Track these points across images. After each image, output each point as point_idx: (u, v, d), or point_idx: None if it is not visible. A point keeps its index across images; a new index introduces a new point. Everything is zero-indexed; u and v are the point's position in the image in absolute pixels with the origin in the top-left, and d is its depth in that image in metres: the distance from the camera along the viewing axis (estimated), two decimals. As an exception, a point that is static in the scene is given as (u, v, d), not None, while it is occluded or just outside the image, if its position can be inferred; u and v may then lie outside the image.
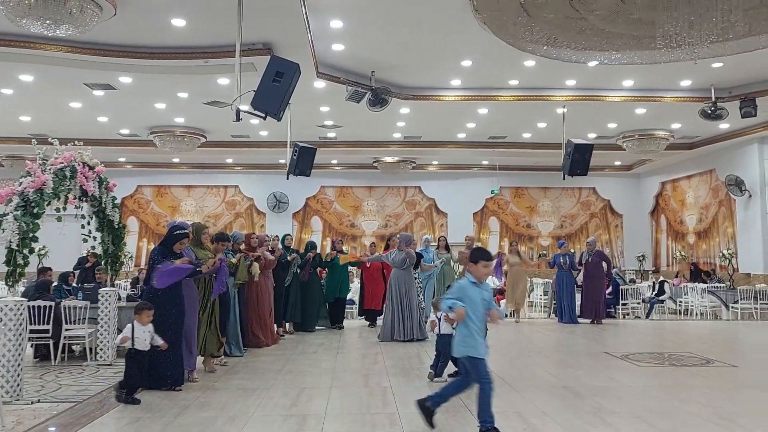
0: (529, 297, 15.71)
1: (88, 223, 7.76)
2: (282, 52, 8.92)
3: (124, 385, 5.59)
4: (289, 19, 8.27)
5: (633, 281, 15.82)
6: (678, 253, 18.46)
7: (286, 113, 8.43)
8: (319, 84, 11.00)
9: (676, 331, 11.18)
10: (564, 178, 12.22)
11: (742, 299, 12.98)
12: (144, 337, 5.63)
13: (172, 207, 19.89)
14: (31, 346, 8.11)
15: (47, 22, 6.97)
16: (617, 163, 19.52)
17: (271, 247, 9.64)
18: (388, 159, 17.87)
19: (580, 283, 12.21)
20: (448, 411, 5.31)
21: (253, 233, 9.44)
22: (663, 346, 9.28)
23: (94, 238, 7.92)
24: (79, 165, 6.97)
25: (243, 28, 7.53)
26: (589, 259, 12.13)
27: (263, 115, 7.12)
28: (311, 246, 11.00)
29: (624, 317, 13.40)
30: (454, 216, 20.02)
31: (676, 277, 16.36)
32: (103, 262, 8.29)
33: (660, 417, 5.06)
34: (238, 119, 7.32)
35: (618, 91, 12.06)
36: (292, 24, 8.41)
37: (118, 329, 8.14)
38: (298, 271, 10.52)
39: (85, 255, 12.83)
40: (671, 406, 5.43)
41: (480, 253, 4.68)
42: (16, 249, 5.97)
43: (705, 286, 13.87)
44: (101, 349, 7.75)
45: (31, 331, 7.54)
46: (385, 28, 9.06)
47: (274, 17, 8.23)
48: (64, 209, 6.88)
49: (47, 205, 6.38)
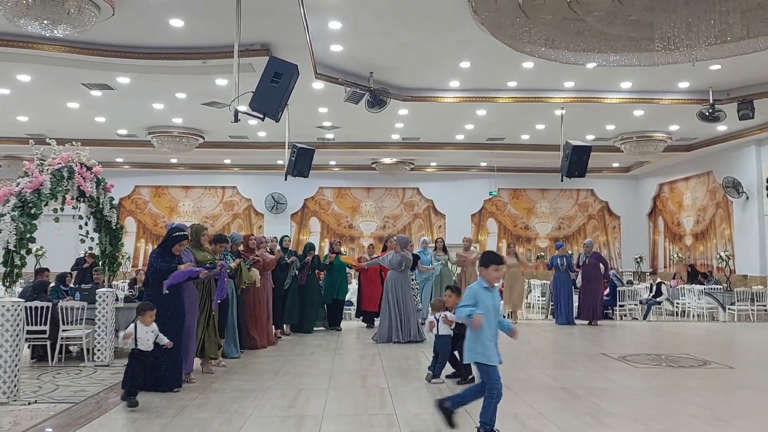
0: (526, 298, 15.74)
1: (86, 224, 7.75)
2: (280, 52, 8.92)
3: (124, 385, 5.57)
4: (288, 20, 8.26)
5: (630, 283, 15.85)
6: (675, 255, 18.49)
7: (285, 114, 8.44)
8: (318, 85, 10.99)
9: (673, 332, 11.19)
10: (562, 180, 12.23)
11: (738, 301, 13.01)
12: (147, 338, 5.59)
13: (170, 207, 19.87)
14: (29, 347, 8.09)
15: (45, 22, 6.96)
16: (615, 164, 19.56)
17: (269, 249, 9.63)
18: (387, 160, 17.88)
19: (579, 285, 12.22)
20: (446, 412, 5.32)
21: (252, 234, 9.43)
22: (660, 347, 9.29)
23: (92, 239, 7.91)
24: (76, 165, 6.96)
25: (241, 28, 7.52)
26: (586, 261, 12.14)
27: (261, 115, 7.12)
28: (310, 247, 10.98)
29: (621, 318, 13.42)
30: (452, 217, 20.03)
31: (674, 278, 16.38)
32: (100, 263, 8.28)
33: (657, 418, 5.07)
34: (237, 120, 7.33)
35: (616, 92, 12.08)
36: (290, 25, 8.41)
37: (116, 330, 8.14)
38: (297, 273, 10.51)
39: (82, 255, 12.82)
40: (668, 408, 5.44)
41: (491, 257, 4.56)
42: (14, 250, 5.95)
43: (702, 287, 13.90)
44: (99, 350, 7.74)
45: (29, 332, 7.52)
46: (384, 29, 9.06)
47: (272, 18, 8.23)
48: (62, 210, 6.87)
49: (45, 205, 6.37)
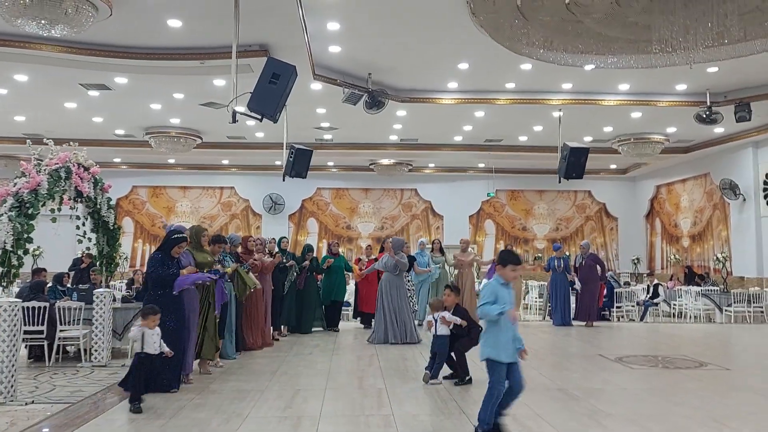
0: (523, 299, 15.76)
1: (83, 224, 7.74)
2: (278, 53, 8.91)
3: (124, 385, 5.51)
4: (286, 21, 8.26)
5: (627, 284, 15.86)
6: (672, 257, 18.52)
7: (283, 115, 8.42)
8: (316, 86, 10.99)
9: (670, 334, 11.21)
10: (560, 181, 12.24)
11: (735, 302, 13.04)
12: (153, 340, 5.57)
13: (168, 208, 19.85)
14: (26, 347, 8.07)
15: (43, 22, 6.94)
16: (613, 166, 19.58)
17: (268, 250, 9.61)
18: (385, 161, 17.88)
19: (577, 287, 12.17)
20: (443, 413, 5.34)
21: (251, 236, 9.42)
22: (657, 348, 9.31)
23: (89, 239, 7.89)
24: (74, 166, 6.95)
25: (239, 29, 7.51)
26: (583, 262, 12.15)
27: (259, 116, 7.11)
28: (308, 249, 10.98)
29: (618, 320, 13.43)
30: (450, 218, 20.04)
31: (671, 280, 16.39)
32: (98, 263, 8.27)
33: (654, 419, 5.08)
34: (235, 121, 7.32)
35: (614, 94, 12.09)
36: (288, 26, 8.40)
37: (113, 330, 8.13)
38: (296, 275, 10.51)
39: (80, 256, 12.81)
40: (665, 409, 5.45)
41: (509, 257, 4.48)
42: (11, 250, 5.95)
43: (699, 289, 13.91)
44: (96, 351, 7.73)
45: (26, 332, 7.51)
46: (382, 30, 9.07)
47: (270, 19, 8.23)
48: (59, 210, 6.86)
49: (42, 206, 6.36)
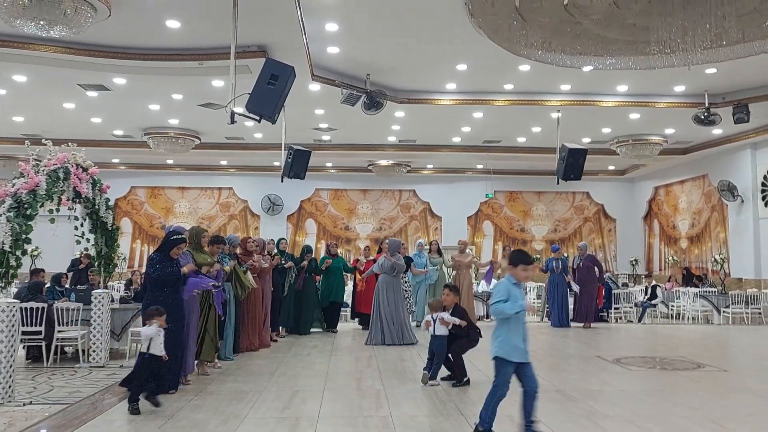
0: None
1: (82, 225, 7.74)
2: (277, 54, 8.91)
3: (126, 385, 5.48)
4: (285, 22, 8.26)
5: (626, 285, 15.87)
6: (670, 258, 18.54)
7: (281, 116, 8.43)
8: (314, 87, 10.99)
9: (667, 335, 11.22)
10: (558, 183, 12.24)
11: (733, 304, 13.06)
12: (159, 341, 5.53)
13: (166, 208, 19.83)
14: (24, 348, 8.07)
15: (41, 22, 6.94)
16: (611, 167, 19.59)
17: (267, 251, 9.60)
18: (383, 162, 17.88)
19: (575, 289, 12.10)
20: (441, 414, 5.34)
21: (250, 237, 9.41)
22: (655, 350, 9.32)
23: (88, 240, 7.90)
24: (72, 166, 6.95)
25: (238, 30, 7.51)
26: (581, 264, 12.15)
27: (258, 117, 7.11)
28: (307, 250, 10.97)
29: (616, 321, 13.44)
30: (449, 219, 20.04)
31: (669, 281, 16.40)
32: (96, 264, 8.27)
33: (652, 421, 5.09)
34: (233, 122, 7.32)
35: (612, 96, 12.11)
36: (287, 27, 8.41)
37: (111, 331, 8.13)
38: (295, 275, 10.51)
39: (78, 256, 12.80)
40: (663, 410, 5.46)
41: (521, 257, 4.48)
42: (9, 250, 5.95)
43: (697, 290, 13.93)
44: (94, 351, 7.73)
45: (24, 333, 7.50)
46: (381, 31, 9.08)
47: (269, 20, 8.23)
48: (57, 210, 6.85)
49: (40, 206, 6.36)
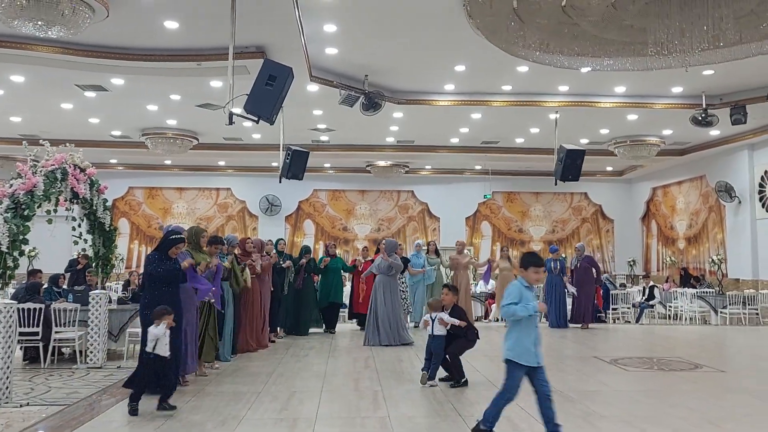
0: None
1: (79, 225, 7.73)
2: (275, 55, 8.91)
3: (129, 385, 5.44)
4: (283, 23, 8.26)
5: (623, 286, 15.89)
6: (668, 259, 18.57)
7: (279, 117, 8.44)
8: (312, 88, 11.00)
9: (665, 335, 11.23)
10: (556, 183, 12.26)
11: (731, 304, 13.08)
12: (165, 341, 5.49)
13: (164, 209, 19.81)
14: (21, 349, 8.06)
15: (39, 23, 6.94)
16: (609, 168, 19.62)
17: (266, 252, 9.60)
18: (381, 163, 17.89)
19: (573, 291, 12.07)
20: (439, 415, 5.34)
21: (248, 237, 9.41)
22: (652, 350, 9.33)
23: (85, 240, 7.90)
24: (70, 167, 6.95)
25: (236, 31, 7.52)
26: (578, 265, 12.15)
27: (256, 118, 7.11)
28: (305, 250, 10.96)
29: (614, 322, 13.46)
30: (447, 220, 20.06)
31: (666, 282, 16.43)
32: (93, 265, 8.26)
33: (649, 421, 5.09)
34: (231, 123, 7.32)
35: (610, 97, 12.13)
36: (285, 27, 8.41)
37: (109, 332, 8.12)
38: (294, 275, 10.50)
39: (75, 257, 12.76)
40: (660, 411, 5.47)
41: (531, 259, 4.47)
42: (6, 251, 5.94)
43: (694, 291, 13.95)
44: (91, 352, 7.72)
45: (21, 334, 7.48)
46: (379, 32, 9.08)
47: (267, 21, 8.23)
48: (55, 211, 6.85)
49: (38, 207, 6.36)
